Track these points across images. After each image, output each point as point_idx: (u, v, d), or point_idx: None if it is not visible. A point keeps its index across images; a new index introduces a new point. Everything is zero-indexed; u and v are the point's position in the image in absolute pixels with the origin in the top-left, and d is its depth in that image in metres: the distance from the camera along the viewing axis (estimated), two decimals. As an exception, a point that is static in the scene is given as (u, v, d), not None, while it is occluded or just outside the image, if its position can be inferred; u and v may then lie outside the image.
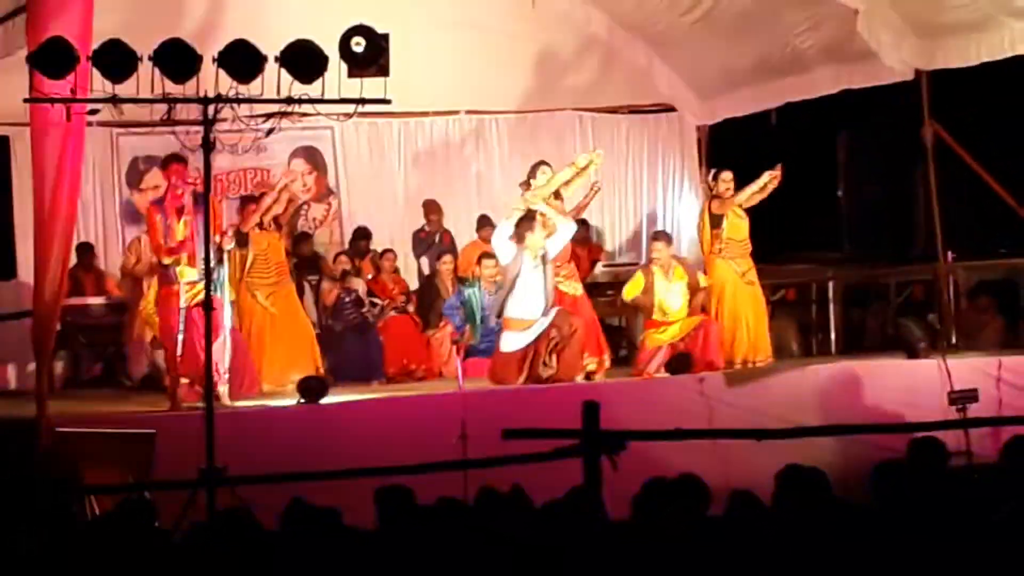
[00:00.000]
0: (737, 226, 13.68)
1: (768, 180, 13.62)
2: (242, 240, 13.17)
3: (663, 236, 13.87)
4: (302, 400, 11.66)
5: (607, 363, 13.16)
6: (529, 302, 12.53)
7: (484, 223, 15.51)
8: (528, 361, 12.52)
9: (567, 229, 13.00)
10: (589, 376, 12.79)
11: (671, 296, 13.35)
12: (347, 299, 14.49)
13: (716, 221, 13.64)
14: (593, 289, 14.93)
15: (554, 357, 12.55)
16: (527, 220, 12.62)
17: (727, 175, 13.73)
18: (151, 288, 12.89)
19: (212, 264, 10.66)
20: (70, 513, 7.77)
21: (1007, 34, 13.13)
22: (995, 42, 13.23)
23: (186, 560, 6.01)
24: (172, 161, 11.95)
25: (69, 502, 8.34)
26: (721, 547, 5.85)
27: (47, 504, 7.08)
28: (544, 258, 12.62)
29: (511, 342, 12.64)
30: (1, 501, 7.29)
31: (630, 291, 13.53)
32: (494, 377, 12.80)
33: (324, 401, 11.70)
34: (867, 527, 5.98)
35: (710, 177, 14.07)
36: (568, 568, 5.80)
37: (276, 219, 13.85)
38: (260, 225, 13.54)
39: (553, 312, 12.56)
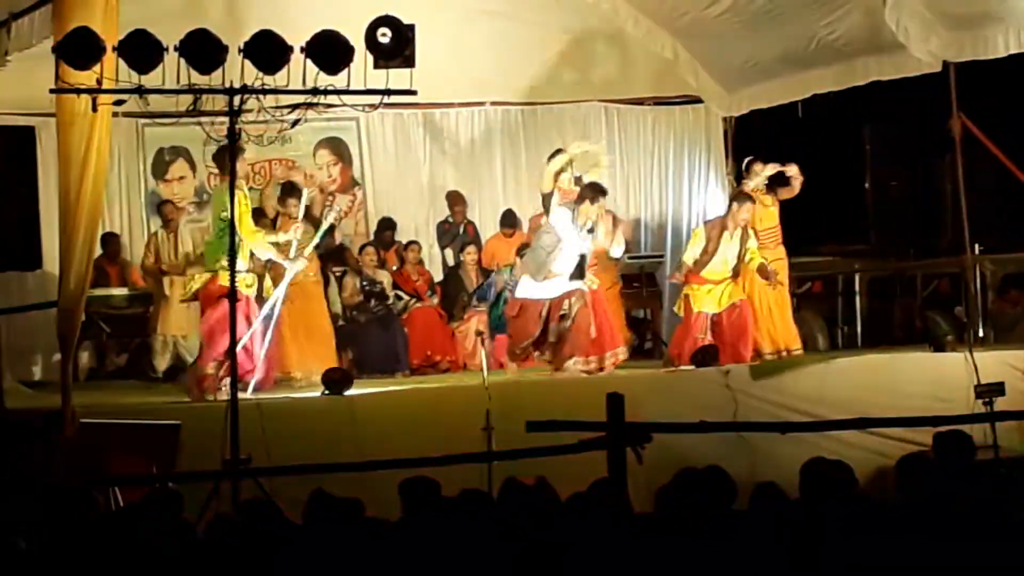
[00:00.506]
0: (764, 215, 13.64)
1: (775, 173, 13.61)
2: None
3: (749, 197, 13.54)
4: (327, 391, 11.67)
5: (621, 357, 12.99)
6: (560, 257, 12.52)
7: (509, 218, 15.50)
8: (545, 314, 12.54)
9: (617, 250, 13.22)
10: (601, 370, 12.66)
11: (727, 257, 13.32)
12: (372, 291, 14.49)
13: None
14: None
15: (569, 319, 12.53)
16: (594, 190, 12.63)
17: (759, 166, 13.69)
18: None
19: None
20: (95, 504, 7.78)
21: (1035, 26, 13.10)
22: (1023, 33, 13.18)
23: (210, 551, 6.01)
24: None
25: (94, 493, 8.35)
26: (746, 540, 5.84)
27: (72, 495, 7.08)
28: (592, 230, 12.60)
29: (528, 289, 12.64)
30: (26, 492, 7.31)
31: (689, 255, 13.49)
32: (512, 337, 12.82)
33: (349, 393, 11.70)
34: (893, 521, 5.96)
35: (743, 167, 13.98)
36: (593, 561, 5.79)
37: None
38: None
39: (578, 283, 12.51)
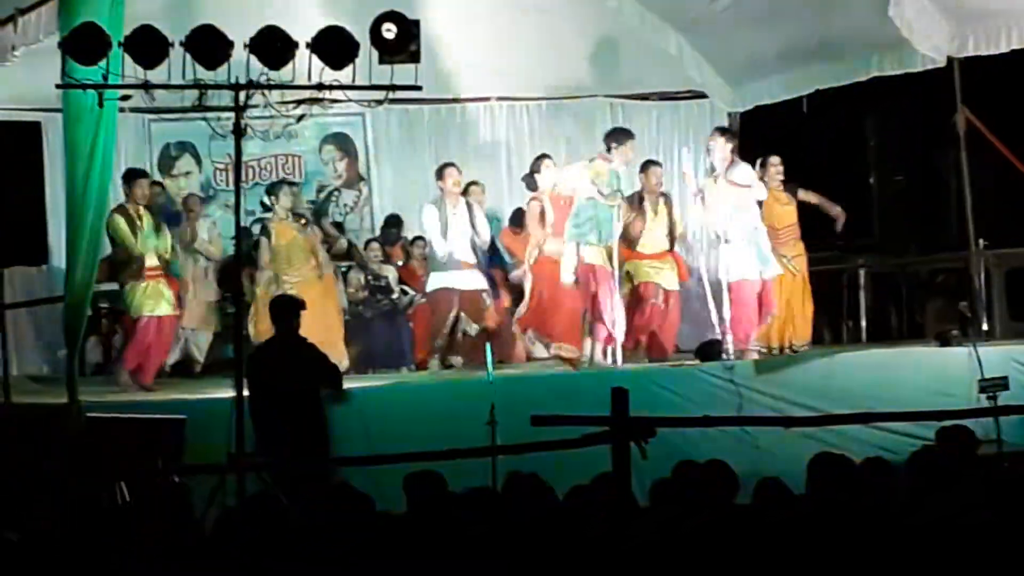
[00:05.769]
0: (782, 213, 13.59)
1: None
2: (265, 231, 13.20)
3: (654, 162, 14.09)
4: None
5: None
6: None
7: (517, 216, 15.42)
8: None
9: None
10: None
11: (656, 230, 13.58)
12: (377, 286, 14.51)
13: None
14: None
15: None
16: None
17: (775, 159, 13.65)
18: None
19: None
20: (100, 499, 7.81)
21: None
22: (1028, 28, 13.21)
23: (216, 545, 6.03)
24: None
25: (100, 488, 8.37)
26: (749, 536, 5.85)
27: (78, 490, 7.11)
28: None
29: None
30: (32, 487, 7.34)
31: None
32: None
33: (354, 387, 11.68)
34: (897, 516, 5.97)
35: (758, 164, 13.86)
36: (596, 555, 5.80)
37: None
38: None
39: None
